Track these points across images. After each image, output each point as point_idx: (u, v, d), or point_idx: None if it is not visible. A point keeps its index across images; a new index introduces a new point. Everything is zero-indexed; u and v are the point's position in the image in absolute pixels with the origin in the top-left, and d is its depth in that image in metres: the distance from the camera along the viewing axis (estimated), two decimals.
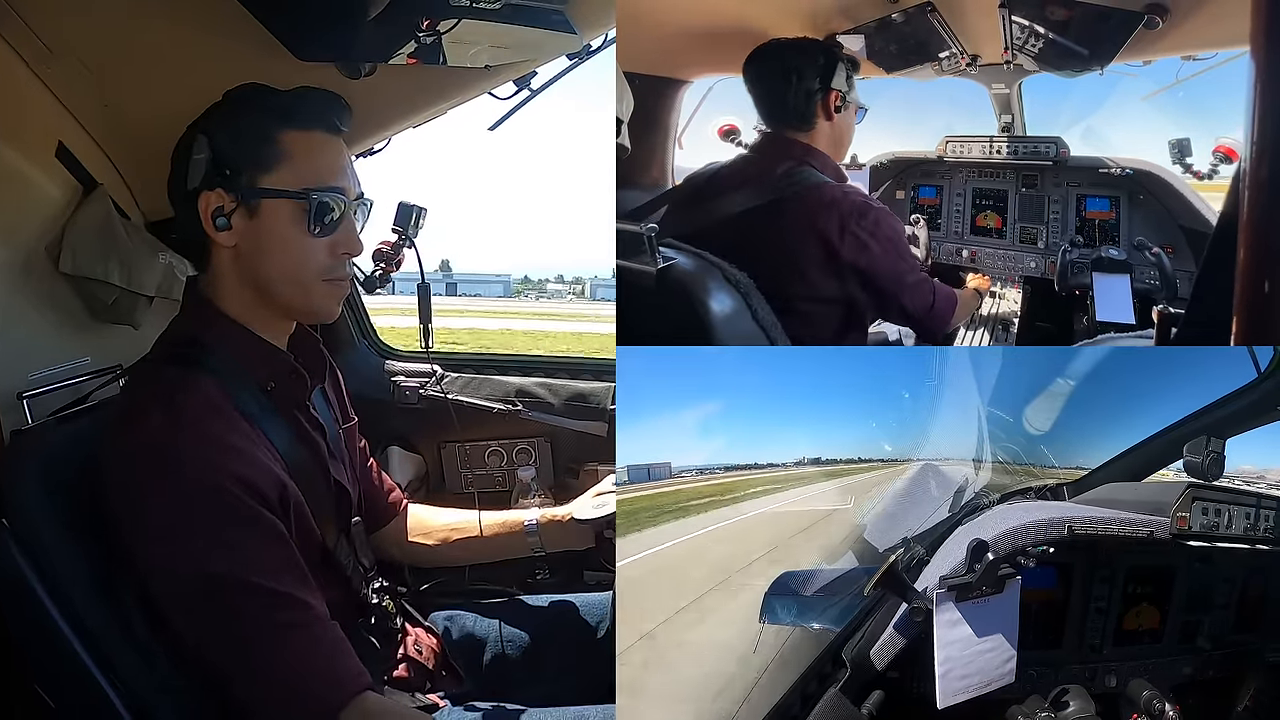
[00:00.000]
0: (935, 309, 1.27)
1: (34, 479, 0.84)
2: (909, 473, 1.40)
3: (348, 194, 0.86)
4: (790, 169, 1.22)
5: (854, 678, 0.67)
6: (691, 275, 1.08)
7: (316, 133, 0.86)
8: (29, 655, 0.82)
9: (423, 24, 0.99)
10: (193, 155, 0.84)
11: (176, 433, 0.76)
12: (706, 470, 1.45)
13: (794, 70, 1.25)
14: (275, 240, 0.84)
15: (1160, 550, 0.79)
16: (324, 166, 0.85)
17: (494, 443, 1.62)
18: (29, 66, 1.09)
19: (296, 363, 0.90)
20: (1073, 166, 1.83)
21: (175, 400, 0.79)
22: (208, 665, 0.78)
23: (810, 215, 1.17)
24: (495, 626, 1.11)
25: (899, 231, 1.26)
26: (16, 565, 0.80)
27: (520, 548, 1.13)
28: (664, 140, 1.96)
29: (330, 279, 0.87)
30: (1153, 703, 0.74)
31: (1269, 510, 0.81)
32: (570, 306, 17.64)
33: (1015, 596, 0.68)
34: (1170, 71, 1.48)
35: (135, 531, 0.77)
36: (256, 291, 0.86)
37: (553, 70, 1.30)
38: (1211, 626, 0.89)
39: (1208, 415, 0.90)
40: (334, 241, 0.86)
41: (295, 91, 0.87)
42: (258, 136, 0.83)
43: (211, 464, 0.76)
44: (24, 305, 1.12)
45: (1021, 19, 1.37)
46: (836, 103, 1.26)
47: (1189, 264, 1.61)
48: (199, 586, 0.75)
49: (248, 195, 0.83)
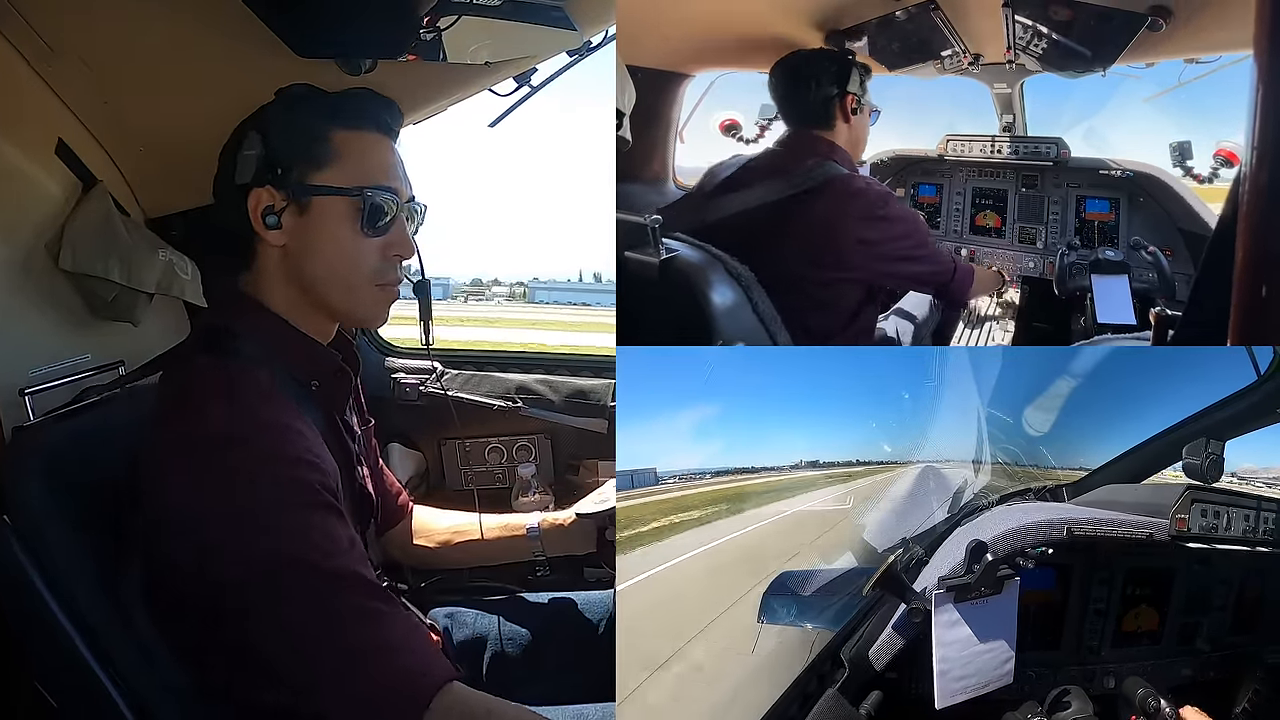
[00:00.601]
0: (956, 277, 1.40)
1: (36, 475, 0.84)
2: (909, 476, 1.40)
3: (400, 195, 0.85)
4: (817, 162, 1.32)
5: (852, 678, 0.68)
6: (694, 267, 1.09)
7: (369, 133, 0.84)
8: (31, 652, 0.82)
9: (423, 21, 0.99)
10: (243, 151, 0.82)
11: (239, 419, 0.74)
12: (696, 475, 1.45)
13: (813, 77, 1.38)
14: (326, 239, 0.82)
15: (1159, 552, 0.80)
16: (376, 166, 0.84)
17: (494, 439, 1.63)
18: (29, 64, 1.08)
19: (345, 366, 0.88)
20: (1073, 167, 1.83)
21: (234, 388, 0.76)
22: (274, 662, 0.72)
23: (840, 202, 1.28)
24: (496, 624, 1.12)
25: (916, 213, 1.47)
26: (18, 562, 0.80)
27: (522, 551, 1.13)
28: (665, 135, 1.96)
29: (382, 283, 0.85)
30: (1148, 701, 0.75)
31: (1268, 513, 0.81)
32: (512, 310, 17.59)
33: (1014, 598, 0.69)
34: (1173, 74, 1.48)
35: (195, 526, 0.72)
36: (303, 291, 0.84)
37: (553, 67, 1.29)
38: (1210, 628, 0.89)
39: (1207, 417, 0.90)
40: (386, 243, 0.84)
41: (348, 92, 0.86)
42: (310, 134, 0.82)
43: (279, 447, 0.74)
44: (24, 302, 1.12)
45: (1024, 19, 1.36)
46: (852, 105, 1.38)
47: (1188, 267, 1.61)
48: (276, 574, 0.71)
49: (299, 192, 0.81)
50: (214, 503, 0.72)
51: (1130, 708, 0.76)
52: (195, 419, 0.75)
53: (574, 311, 17.18)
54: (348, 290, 0.84)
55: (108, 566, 0.81)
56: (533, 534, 1.11)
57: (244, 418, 0.74)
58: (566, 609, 1.15)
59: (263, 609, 0.72)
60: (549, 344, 10.74)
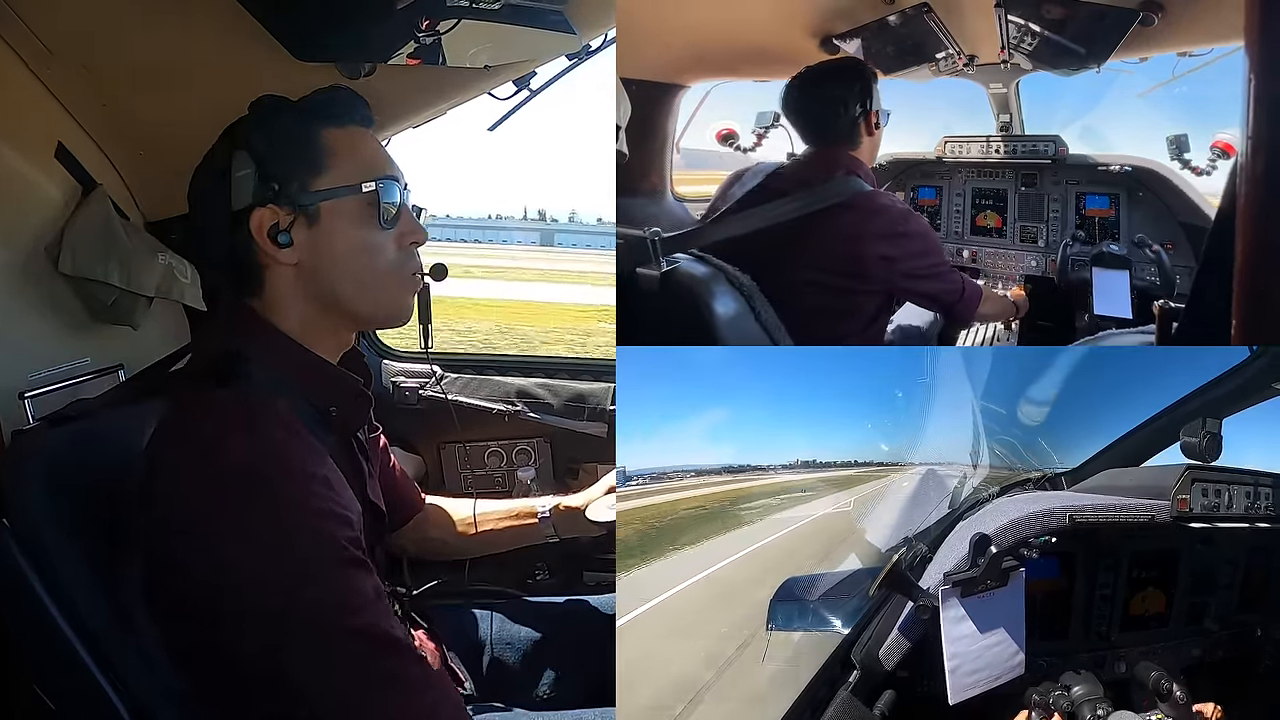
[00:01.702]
0: (964, 296, 1.43)
1: (35, 479, 0.83)
2: (910, 480, 1.40)
3: (401, 181, 0.82)
4: (841, 179, 1.33)
5: (864, 679, 0.67)
6: (696, 278, 1.10)
7: (354, 127, 0.81)
8: (29, 656, 0.81)
9: (422, 24, 0.99)
10: (234, 173, 0.76)
11: (263, 461, 0.68)
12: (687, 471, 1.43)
13: (839, 97, 1.38)
14: (344, 243, 0.78)
15: (1162, 534, 0.79)
16: (372, 157, 0.81)
17: (494, 443, 1.62)
18: (28, 67, 1.09)
19: (365, 389, 0.84)
20: (1072, 164, 1.83)
21: (256, 425, 0.70)
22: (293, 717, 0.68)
23: (864, 219, 1.31)
24: (495, 628, 1.11)
25: (933, 231, 1.47)
26: (17, 565, 0.79)
27: (534, 535, 1.13)
28: (662, 146, 1.97)
29: (406, 274, 0.82)
30: (1162, 684, 0.74)
31: (1266, 488, 0.81)
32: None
33: (1020, 589, 0.68)
34: (1166, 68, 1.49)
35: (215, 575, 0.67)
36: (321, 307, 0.79)
37: (552, 71, 1.31)
38: (1218, 607, 0.89)
39: (1202, 396, 0.89)
40: (400, 233, 0.81)
41: (320, 92, 0.83)
42: (301, 140, 0.78)
43: (303, 497, 0.69)
44: (24, 306, 1.12)
45: (1017, 18, 1.37)
46: (875, 120, 1.40)
47: (1189, 259, 1.61)
48: (301, 632, 0.67)
49: (304, 202, 0.76)
50: (237, 555, 0.67)
51: (1144, 692, 0.75)
52: (211, 457, 0.69)
53: (601, 258, 15.88)
54: (374, 290, 0.81)
55: (107, 571, 0.81)
56: (544, 518, 1.12)
57: (269, 461, 0.69)
58: (566, 613, 1.14)
59: (286, 666, 0.67)
60: (569, 302, 10.10)
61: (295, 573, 0.67)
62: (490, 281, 12.73)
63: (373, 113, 0.85)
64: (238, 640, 0.67)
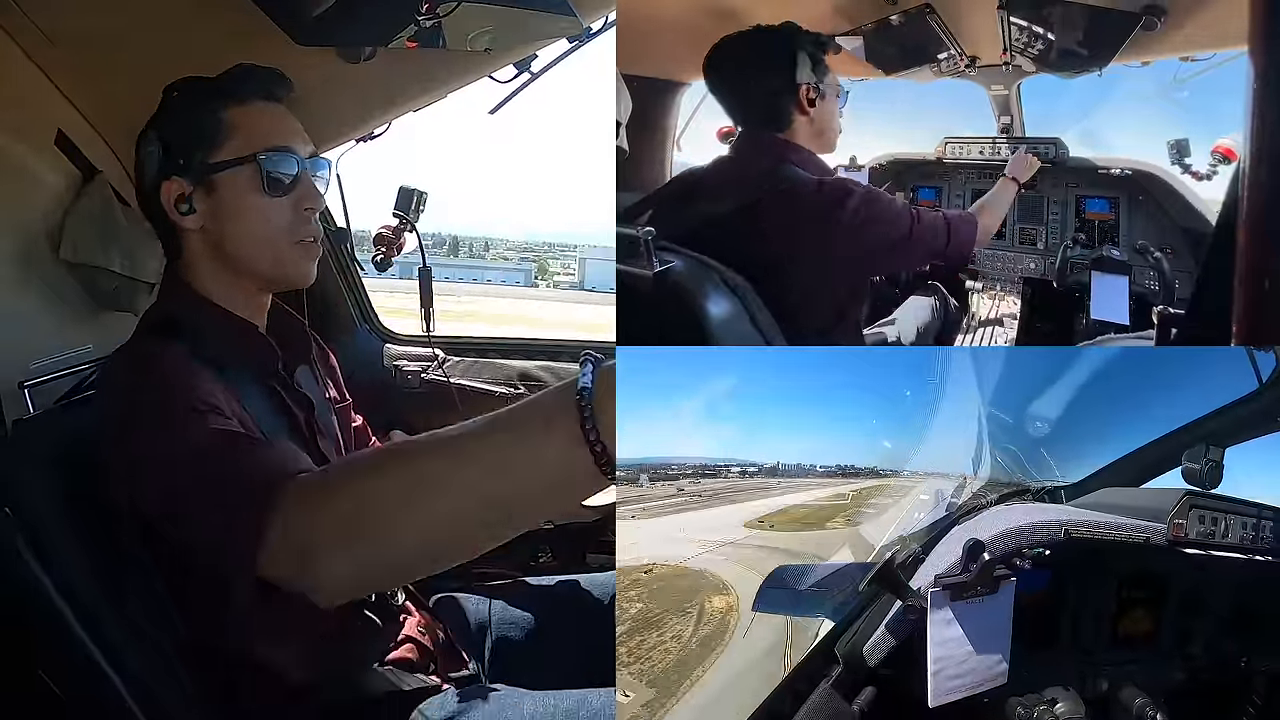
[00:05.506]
0: (952, 244, 1.23)
1: (37, 468, 0.84)
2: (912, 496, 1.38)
3: (298, 151, 0.89)
4: (769, 168, 1.16)
5: (846, 674, 0.67)
6: (689, 279, 1.08)
7: (256, 103, 0.88)
8: (34, 643, 0.82)
9: (422, 7, 0.99)
10: (145, 150, 0.88)
11: (143, 377, 0.80)
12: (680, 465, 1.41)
13: (754, 73, 1.17)
14: (236, 210, 0.87)
15: (1156, 556, 0.79)
16: (269, 130, 0.88)
17: None
18: (28, 55, 1.08)
19: (265, 335, 0.93)
20: (1072, 167, 1.83)
21: (147, 360, 0.82)
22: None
23: (794, 212, 1.13)
24: (498, 609, 1.12)
25: (885, 201, 1.19)
26: (20, 554, 0.80)
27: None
28: (663, 143, 1.96)
29: (299, 239, 0.90)
30: (1146, 711, 0.74)
31: (1269, 521, 0.81)
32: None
33: (1010, 598, 0.68)
34: (1169, 72, 1.49)
35: (119, 475, 0.75)
36: (229, 267, 0.89)
37: (553, 54, 1.31)
38: (1206, 635, 0.88)
39: (1208, 423, 0.89)
40: (295, 199, 0.89)
41: (229, 71, 0.90)
42: (200, 118, 0.87)
43: (174, 395, 0.76)
44: (25, 294, 1.12)
45: (1020, 20, 1.37)
46: (810, 95, 1.17)
47: (1188, 264, 1.61)
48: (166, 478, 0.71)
49: (201, 173, 0.86)
50: (117, 445, 0.76)
51: (1127, 716, 0.76)
52: (104, 390, 0.84)
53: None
54: (268, 253, 0.89)
55: (111, 556, 0.81)
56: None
57: (152, 380, 0.79)
58: (569, 593, 1.15)
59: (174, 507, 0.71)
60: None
61: (172, 435, 0.73)
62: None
63: (284, 88, 0.91)
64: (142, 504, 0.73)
